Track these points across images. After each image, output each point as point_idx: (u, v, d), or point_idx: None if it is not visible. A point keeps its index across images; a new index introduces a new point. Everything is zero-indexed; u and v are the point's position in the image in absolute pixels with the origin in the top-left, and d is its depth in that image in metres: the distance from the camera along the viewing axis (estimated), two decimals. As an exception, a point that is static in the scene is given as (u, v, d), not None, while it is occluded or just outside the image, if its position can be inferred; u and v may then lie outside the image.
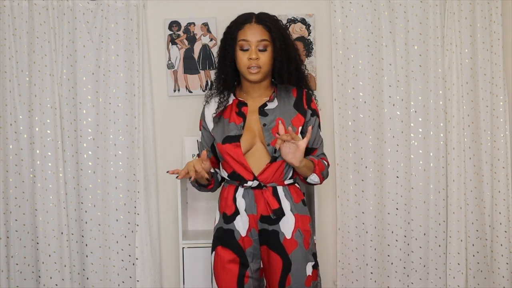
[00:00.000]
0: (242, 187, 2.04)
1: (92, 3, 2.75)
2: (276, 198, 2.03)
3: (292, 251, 2.01)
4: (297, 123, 2.06)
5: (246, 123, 2.07)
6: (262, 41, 2.02)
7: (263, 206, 2.03)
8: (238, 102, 2.11)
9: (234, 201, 2.05)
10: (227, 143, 2.04)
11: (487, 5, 2.78)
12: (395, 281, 2.82)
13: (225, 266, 2.04)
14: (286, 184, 2.07)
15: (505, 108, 2.78)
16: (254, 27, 2.04)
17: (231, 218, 2.06)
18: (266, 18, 2.06)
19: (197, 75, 2.82)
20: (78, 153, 2.76)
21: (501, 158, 2.77)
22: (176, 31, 2.81)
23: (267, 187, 2.03)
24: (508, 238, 2.77)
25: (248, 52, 2.02)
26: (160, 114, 2.85)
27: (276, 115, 2.06)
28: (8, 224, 2.74)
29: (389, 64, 2.78)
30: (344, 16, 2.77)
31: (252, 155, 2.04)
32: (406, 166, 2.80)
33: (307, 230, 2.06)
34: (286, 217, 2.03)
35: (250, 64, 2.02)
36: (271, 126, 2.04)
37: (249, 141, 2.04)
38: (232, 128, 2.07)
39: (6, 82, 2.72)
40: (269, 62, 2.05)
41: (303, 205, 2.09)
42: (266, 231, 2.03)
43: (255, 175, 2.03)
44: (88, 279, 2.77)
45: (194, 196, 2.83)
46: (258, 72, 2.03)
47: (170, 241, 2.85)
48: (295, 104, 2.10)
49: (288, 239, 2.01)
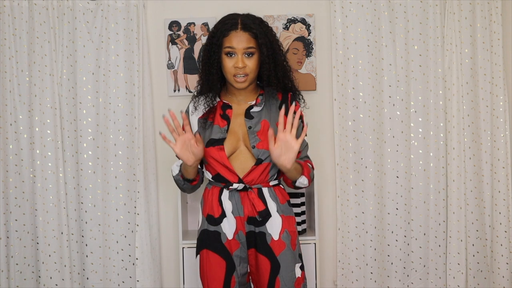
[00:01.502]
0: (228, 189, 2.03)
1: (92, 3, 2.76)
2: (262, 200, 2.01)
3: (280, 252, 1.99)
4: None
5: (230, 127, 2.05)
6: (249, 49, 1.99)
7: (250, 208, 2.01)
8: (223, 104, 2.09)
9: (220, 204, 2.03)
10: (211, 146, 2.02)
11: (487, 5, 2.78)
12: (395, 281, 2.82)
13: (211, 269, 2.01)
14: (271, 185, 2.05)
15: (505, 108, 2.78)
16: (240, 35, 1.99)
17: (218, 220, 2.03)
18: (252, 24, 2.01)
19: (197, 75, 2.81)
20: (78, 153, 2.76)
21: (501, 158, 2.78)
22: (176, 31, 2.81)
23: (252, 189, 2.02)
24: (508, 238, 2.77)
25: (234, 58, 1.99)
26: (160, 114, 2.85)
27: (261, 117, 2.05)
28: (8, 224, 2.74)
29: (389, 64, 2.78)
30: (344, 16, 2.77)
31: (236, 158, 2.02)
32: (406, 166, 2.80)
33: (294, 231, 2.05)
34: (273, 218, 2.01)
35: (237, 72, 1.99)
36: (256, 129, 2.02)
37: (232, 145, 2.02)
38: (216, 131, 2.05)
39: (6, 82, 2.72)
40: (256, 68, 2.02)
41: (288, 205, 2.07)
42: (253, 233, 2.02)
43: (240, 177, 2.01)
44: (88, 279, 2.77)
45: (194, 196, 2.83)
46: (245, 80, 2.00)
47: (170, 241, 2.86)
48: (280, 106, 2.07)
49: (275, 240, 2.00)
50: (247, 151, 2.02)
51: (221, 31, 2.02)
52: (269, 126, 2.01)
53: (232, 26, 2.01)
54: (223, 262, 2.00)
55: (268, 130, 1.96)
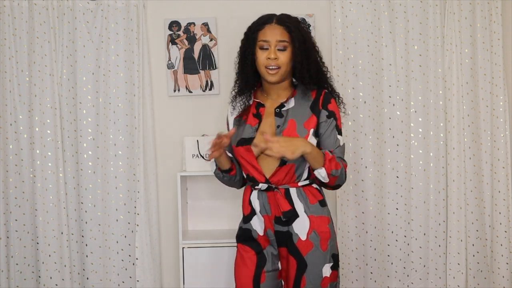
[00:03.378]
0: (254, 189, 2.05)
1: (92, 3, 2.76)
2: (289, 200, 2.01)
3: (307, 252, 1.99)
4: (309, 125, 2.01)
5: (261, 126, 2.05)
6: (282, 42, 2.00)
7: (276, 208, 2.02)
8: (257, 104, 2.10)
9: (250, 203, 2.06)
10: (240, 146, 2.04)
11: (487, 5, 2.78)
12: (395, 281, 2.82)
13: (244, 262, 2.05)
14: (300, 185, 2.03)
15: (505, 108, 2.78)
16: (274, 27, 2.02)
17: (248, 218, 2.07)
18: (287, 19, 2.04)
19: (197, 75, 2.82)
20: (78, 153, 2.76)
21: (501, 158, 2.77)
22: (176, 31, 2.81)
23: (279, 189, 2.01)
24: (508, 238, 2.77)
25: (267, 51, 2.01)
26: (160, 114, 2.85)
27: (290, 116, 2.04)
28: (8, 224, 2.74)
29: (389, 64, 2.78)
30: (344, 16, 2.77)
31: (265, 158, 2.01)
32: (406, 166, 2.80)
33: (325, 231, 2.02)
34: (300, 218, 2.00)
35: (269, 63, 2.00)
36: (283, 128, 2.02)
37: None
38: (247, 131, 2.06)
39: (6, 82, 2.72)
40: (288, 63, 2.02)
41: (320, 206, 2.04)
42: (281, 232, 2.02)
43: (267, 178, 2.01)
44: (88, 279, 2.77)
45: (194, 196, 2.83)
46: (277, 72, 2.01)
47: (170, 241, 2.85)
48: (311, 105, 2.05)
49: (303, 240, 1.99)
50: None
51: (256, 25, 2.05)
52: (296, 126, 2.00)
53: (267, 20, 2.04)
54: (254, 256, 2.04)
55: (295, 130, 1.98)
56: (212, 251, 2.61)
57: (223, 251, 2.61)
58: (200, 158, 2.71)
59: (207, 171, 2.68)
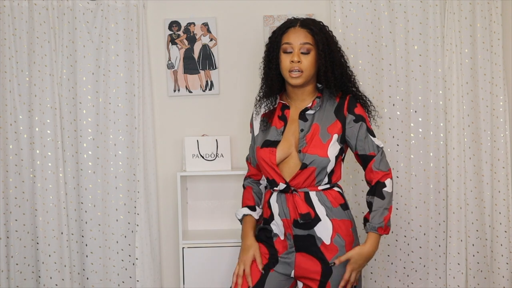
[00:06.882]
0: (274, 191, 2.04)
1: (92, 3, 2.76)
2: (308, 203, 1.99)
3: (332, 257, 1.98)
4: (333, 130, 2.01)
5: (285, 132, 2.05)
6: (305, 44, 1.99)
7: (294, 211, 2.00)
8: (282, 105, 2.10)
9: (269, 206, 2.06)
10: (265, 147, 2.03)
11: (487, 5, 2.78)
12: (395, 281, 2.82)
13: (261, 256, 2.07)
14: (321, 189, 2.02)
15: (505, 108, 2.78)
16: (298, 31, 2.01)
17: (268, 221, 2.07)
18: (311, 22, 2.04)
19: (197, 75, 2.82)
20: (78, 153, 2.76)
21: (501, 158, 2.77)
22: (176, 31, 2.81)
23: (297, 192, 2.00)
24: (508, 238, 2.77)
25: (290, 55, 2.00)
26: (160, 114, 2.85)
27: (314, 121, 2.03)
28: (8, 224, 2.74)
29: (389, 64, 2.78)
30: (344, 16, 2.77)
31: (287, 163, 2.01)
32: (406, 166, 2.80)
33: (348, 235, 2.01)
34: (322, 222, 1.99)
35: (292, 67, 1.99)
36: (306, 132, 2.01)
37: (284, 150, 2.01)
38: (273, 133, 2.06)
39: (6, 82, 2.72)
40: (312, 66, 2.01)
41: (342, 209, 2.03)
42: (301, 236, 2.00)
43: (287, 181, 2.00)
44: (88, 279, 2.77)
45: (194, 196, 2.83)
46: (300, 76, 1.99)
47: (170, 241, 2.85)
48: (336, 110, 2.05)
49: (327, 244, 1.98)
50: (297, 155, 2.01)
51: (280, 28, 2.06)
52: (319, 130, 2.00)
53: (291, 24, 2.04)
54: (267, 253, 2.04)
55: (318, 134, 1.98)
56: (212, 251, 2.61)
57: (223, 251, 2.61)
58: (200, 158, 2.71)
59: (207, 171, 2.68)
